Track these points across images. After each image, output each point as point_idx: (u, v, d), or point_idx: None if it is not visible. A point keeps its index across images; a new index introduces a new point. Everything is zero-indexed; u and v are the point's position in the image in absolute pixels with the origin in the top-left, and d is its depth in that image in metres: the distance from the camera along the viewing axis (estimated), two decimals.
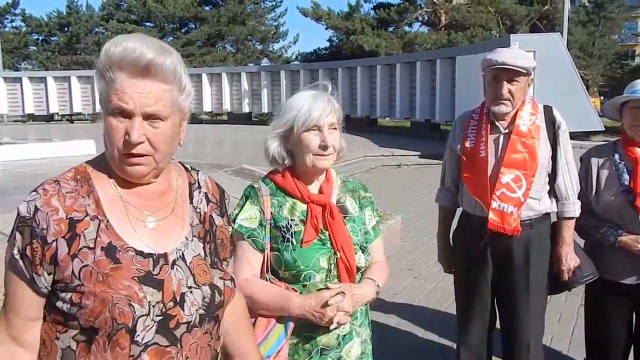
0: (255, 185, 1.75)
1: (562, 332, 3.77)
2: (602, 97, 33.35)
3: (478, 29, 26.80)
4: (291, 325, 1.65)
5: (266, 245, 1.68)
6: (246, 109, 24.41)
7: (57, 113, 25.08)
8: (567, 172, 2.42)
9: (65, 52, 34.37)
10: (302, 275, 1.65)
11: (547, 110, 2.45)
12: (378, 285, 1.75)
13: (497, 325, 2.63)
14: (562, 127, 2.42)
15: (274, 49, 36.56)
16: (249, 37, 34.49)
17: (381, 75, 19.53)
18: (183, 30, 34.21)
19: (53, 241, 1.07)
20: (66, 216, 1.09)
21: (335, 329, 1.66)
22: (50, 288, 1.10)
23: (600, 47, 31.11)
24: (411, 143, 15.08)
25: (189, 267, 1.18)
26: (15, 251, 1.09)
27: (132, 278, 1.09)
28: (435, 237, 6.10)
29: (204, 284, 1.18)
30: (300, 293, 1.65)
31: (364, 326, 1.80)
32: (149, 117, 1.11)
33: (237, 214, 1.70)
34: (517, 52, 2.35)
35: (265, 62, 35.12)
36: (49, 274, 1.09)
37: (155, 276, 1.12)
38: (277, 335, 1.64)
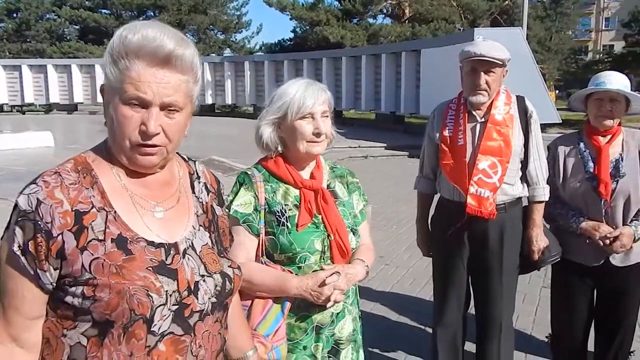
0: (249, 172, 1.80)
1: (526, 312, 3.96)
2: (557, 91, 34.47)
3: (441, 22, 27.26)
4: (288, 305, 1.71)
5: (261, 230, 1.74)
6: (209, 100, 24.11)
7: (6, 104, 24.04)
8: (538, 159, 2.56)
9: (14, 39, 32.81)
10: (298, 257, 1.72)
11: (520, 100, 2.58)
12: (367, 266, 1.84)
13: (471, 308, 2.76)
14: (533, 117, 2.55)
15: (236, 39, 36.12)
16: (211, 26, 33.95)
17: (346, 67, 19.64)
18: (141, 18, 33.31)
19: (58, 235, 1.04)
20: (71, 208, 1.05)
21: (331, 307, 1.73)
22: (55, 284, 1.07)
23: (556, 42, 32.21)
24: (377, 135, 15.27)
25: (199, 256, 1.18)
26: (16, 247, 1.04)
27: (146, 268, 1.08)
28: (404, 225, 6.23)
29: (215, 273, 1.19)
30: (296, 274, 1.71)
31: (354, 305, 1.89)
32: (165, 107, 1.09)
33: (232, 200, 1.74)
34: (493, 44, 2.46)
35: (227, 52, 34.61)
36: (55, 269, 1.05)
37: (168, 266, 1.11)
38: (274, 315, 1.70)
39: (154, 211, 1.15)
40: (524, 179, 2.58)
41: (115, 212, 1.10)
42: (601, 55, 35.82)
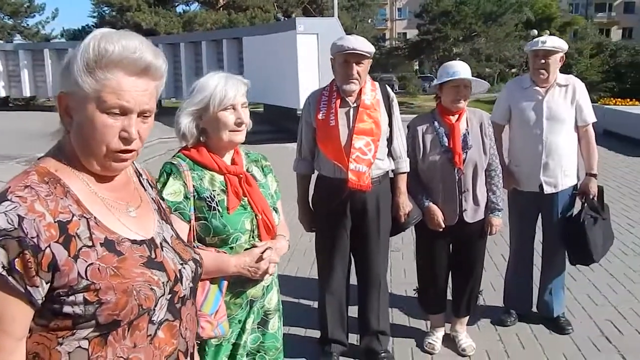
0: (175, 162, 1.86)
1: None
2: None
3: (257, 10, 27.72)
4: (225, 283, 1.83)
5: (192, 216, 1.82)
6: (2, 92, 21.37)
7: None
8: (400, 137, 3.00)
9: None
10: (231, 238, 1.84)
11: (382, 86, 2.99)
12: (288, 240, 2.04)
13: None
14: (394, 100, 2.98)
15: (28, 25, 32.33)
16: None
17: (164, 54, 18.93)
18: None
19: (46, 247, 1.03)
20: (54, 220, 1.05)
21: (265, 280, 1.91)
22: (44, 298, 1.05)
23: (361, 30, 35.03)
24: None
25: (172, 247, 1.26)
26: (0, 268, 1.01)
27: (139, 265, 1.13)
28: None
29: (189, 260, 1.28)
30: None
31: (277, 277, 2.08)
32: (142, 113, 1.14)
33: (161, 190, 1.79)
34: (361, 39, 2.82)
35: (18, 39, 30.82)
36: (46, 283, 1.04)
37: (155, 260, 1.18)
38: (214, 294, 1.81)
39: (127, 211, 1.20)
40: (390, 154, 2.99)
41: (94, 217, 1.12)
42: (397, 42, 39.90)
